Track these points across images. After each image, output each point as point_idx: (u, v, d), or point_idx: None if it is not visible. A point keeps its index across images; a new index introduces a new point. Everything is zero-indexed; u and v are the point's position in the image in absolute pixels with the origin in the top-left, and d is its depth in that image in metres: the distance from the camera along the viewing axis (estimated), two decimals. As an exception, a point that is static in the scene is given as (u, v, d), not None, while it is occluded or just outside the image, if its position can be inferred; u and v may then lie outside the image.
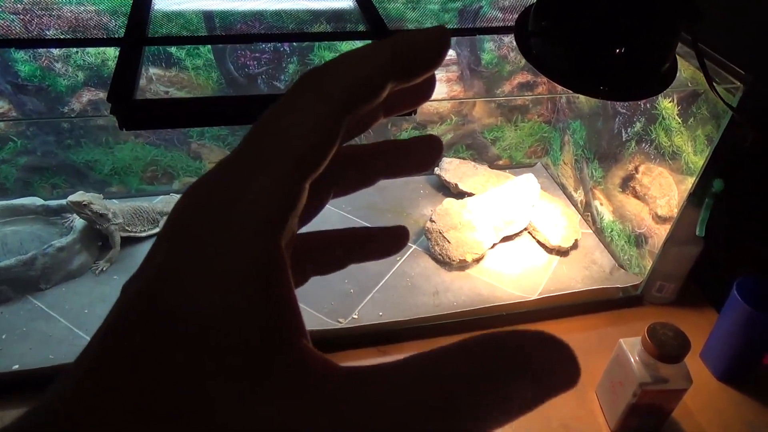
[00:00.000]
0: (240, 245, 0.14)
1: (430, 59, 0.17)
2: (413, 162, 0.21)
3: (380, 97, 0.17)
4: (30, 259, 0.79)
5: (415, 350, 0.14)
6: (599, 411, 0.73)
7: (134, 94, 0.48)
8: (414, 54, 0.17)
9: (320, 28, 0.82)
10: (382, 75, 0.16)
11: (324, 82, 0.16)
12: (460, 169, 1.09)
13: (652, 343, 0.63)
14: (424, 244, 0.94)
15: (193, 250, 0.14)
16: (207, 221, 0.15)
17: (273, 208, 0.15)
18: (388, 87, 0.17)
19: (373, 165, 0.21)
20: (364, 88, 0.16)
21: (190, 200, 0.15)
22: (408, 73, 0.17)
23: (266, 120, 0.16)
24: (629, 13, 0.53)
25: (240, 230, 0.14)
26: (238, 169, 0.15)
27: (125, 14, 0.65)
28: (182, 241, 0.15)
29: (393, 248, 0.22)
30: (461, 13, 0.88)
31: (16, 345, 0.73)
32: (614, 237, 0.97)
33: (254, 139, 0.16)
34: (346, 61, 0.17)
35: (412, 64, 0.17)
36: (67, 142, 0.93)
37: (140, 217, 0.91)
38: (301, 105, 0.16)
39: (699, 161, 0.75)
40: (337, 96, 0.16)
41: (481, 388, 0.13)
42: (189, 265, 0.14)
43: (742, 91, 0.67)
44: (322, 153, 0.16)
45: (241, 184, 0.15)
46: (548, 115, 1.15)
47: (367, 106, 0.17)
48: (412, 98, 0.20)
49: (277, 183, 0.15)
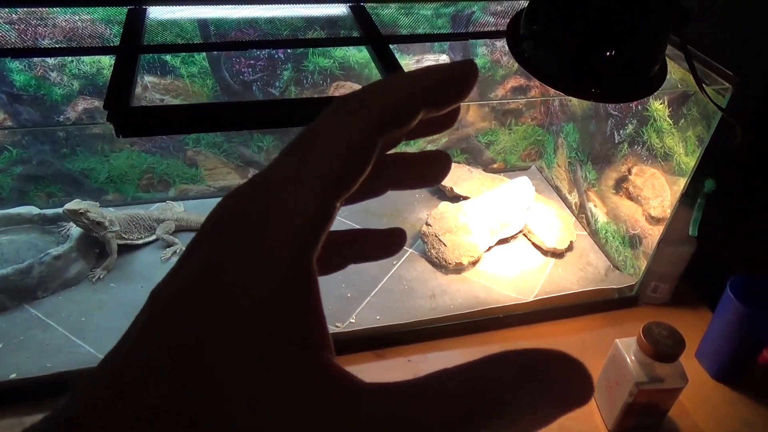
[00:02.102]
0: (275, 257, 0.15)
1: (457, 92, 0.18)
2: (422, 175, 0.21)
3: (411, 125, 0.17)
4: (26, 267, 0.79)
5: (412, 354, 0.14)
6: (596, 411, 0.74)
7: (131, 102, 0.49)
8: (442, 87, 0.18)
9: (314, 34, 0.83)
10: (416, 102, 0.17)
11: (363, 105, 0.17)
12: (455, 172, 1.09)
13: (647, 343, 0.64)
14: (420, 247, 0.95)
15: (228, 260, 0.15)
16: (244, 232, 0.15)
17: (307, 224, 0.15)
18: (420, 115, 0.17)
19: (384, 176, 0.21)
20: (399, 114, 0.17)
21: (227, 211, 0.16)
22: (439, 104, 0.18)
23: (306, 136, 0.17)
24: (619, 16, 0.54)
25: (275, 243, 0.15)
26: (274, 184, 0.16)
27: (120, 23, 0.66)
28: (216, 250, 0.15)
29: (391, 249, 0.22)
30: (454, 19, 0.89)
31: (13, 354, 0.73)
32: (609, 238, 0.98)
33: (291, 155, 0.16)
34: (385, 87, 0.17)
35: (443, 95, 0.18)
36: (62, 151, 0.93)
37: (137, 225, 0.91)
38: (340, 125, 0.16)
39: (690, 162, 0.76)
40: (374, 119, 0.16)
41: (501, 405, 0.13)
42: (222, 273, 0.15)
43: (731, 92, 0.68)
44: (356, 174, 0.16)
45: (278, 200, 0.15)
46: (542, 118, 1.15)
47: (400, 131, 0.17)
48: (436, 126, 0.20)
49: (312, 201, 0.15)
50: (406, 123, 0.17)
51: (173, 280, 0.15)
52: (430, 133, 0.21)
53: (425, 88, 0.17)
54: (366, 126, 0.16)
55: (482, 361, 0.14)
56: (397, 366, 0.76)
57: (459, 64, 0.18)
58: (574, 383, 0.14)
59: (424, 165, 0.21)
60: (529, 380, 0.14)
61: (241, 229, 0.15)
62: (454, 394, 0.14)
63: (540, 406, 0.14)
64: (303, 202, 0.15)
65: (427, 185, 0.22)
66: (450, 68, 0.18)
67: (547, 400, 0.14)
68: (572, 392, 0.14)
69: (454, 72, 0.18)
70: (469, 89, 0.18)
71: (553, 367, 0.14)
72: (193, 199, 1.04)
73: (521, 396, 0.14)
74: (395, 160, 0.21)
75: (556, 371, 0.14)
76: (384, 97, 0.17)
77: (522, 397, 0.14)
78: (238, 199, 0.16)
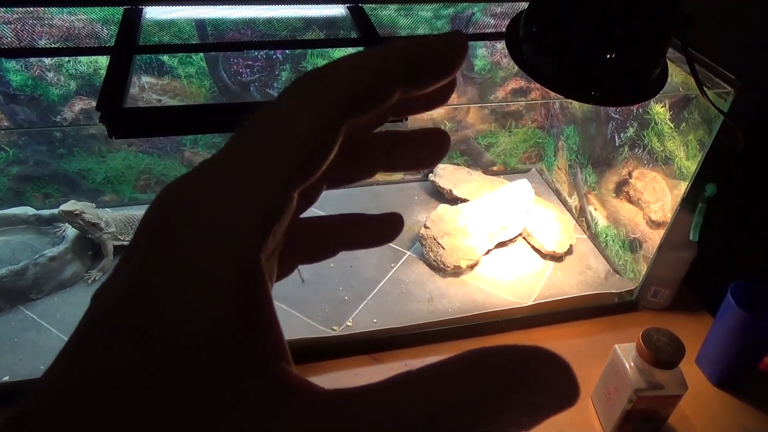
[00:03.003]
0: (218, 260, 0.13)
1: (443, 67, 0.16)
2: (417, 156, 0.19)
3: (386, 104, 0.16)
4: (21, 269, 0.79)
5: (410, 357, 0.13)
6: (595, 417, 0.73)
7: (123, 103, 0.48)
8: (424, 62, 0.16)
9: (312, 35, 0.82)
10: (386, 81, 0.15)
11: (322, 85, 0.15)
12: (455, 175, 1.09)
13: (646, 349, 0.63)
14: (418, 250, 0.94)
15: (168, 261, 0.13)
16: (183, 230, 0.14)
17: (257, 219, 0.14)
18: (395, 94, 0.16)
19: (372, 157, 0.19)
20: (367, 95, 0.15)
21: (167, 204, 0.14)
22: (418, 82, 0.16)
23: (256, 121, 0.15)
24: (620, 18, 0.53)
25: (219, 244, 0.13)
26: (220, 174, 0.14)
27: (117, 23, 0.65)
28: (156, 250, 0.14)
29: (386, 236, 0.20)
30: (453, 20, 0.89)
31: (7, 356, 0.72)
32: (609, 242, 0.97)
33: (241, 141, 0.15)
34: (348, 64, 0.15)
35: (425, 72, 0.16)
36: (59, 151, 0.93)
37: (133, 226, 0.90)
38: (295, 108, 0.15)
39: (692, 166, 0.75)
40: (336, 101, 0.15)
41: (469, 411, 0.12)
42: (163, 277, 0.13)
43: (733, 96, 0.67)
44: (315, 163, 0.15)
45: (224, 191, 0.14)
46: (542, 120, 1.15)
47: (370, 113, 0.15)
48: (427, 102, 0.18)
49: (264, 192, 0.14)
50: (378, 103, 0.15)
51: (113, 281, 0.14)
52: (419, 110, 0.19)
53: (402, 64, 0.15)
54: (330, 107, 0.15)
55: (456, 359, 0.13)
56: (394, 370, 0.75)
57: (445, 36, 0.16)
58: (559, 384, 0.13)
59: (419, 144, 0.19)
60: (508, 381, 0.13)
61: (179, 225, 0.14)
62: (419, 397, 0.12)
63: (520, 409, 0.13)
64: (253, 193, 0.14)
65: (421, 167, 0.20)
66: (433, 40, 0.16)
67: (530, 401, 0.13)
68: (557, 393, 0.13)
69: (439, 45, 0.16)
70: (457, 65, 0.16)
71: (537, 367, 0.13)
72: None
73: (498, 398, 0.12)
74: (386, 140, 0.19)
75: (538, 370, 0.13)
76: (352, 74, 0.15)
77: (499, 400, 0.12)
78: (181, 189, 0.14)
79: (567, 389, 0.13)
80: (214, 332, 0.13)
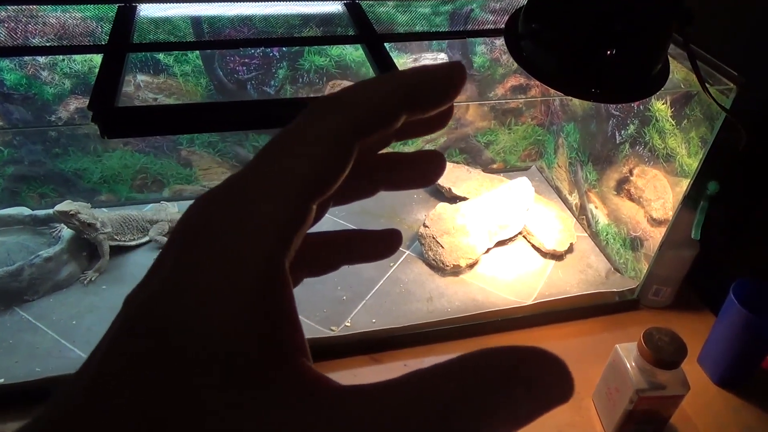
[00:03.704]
0: (246, 263, 0.14)
1: (442, 95, 0.18)
2: (416, 176, 0.21)
3: (393, 127, 0.17)
4: (17, 270, 0.78)
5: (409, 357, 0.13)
6: (596, 418, 0.72)
7: (116, 102, 0.47)
8: (426, 89, 0.17)
9: (310, 32, 0.81)
10: (395, 106, 0.17)
11: (339, 107, 0.17)
12: (454, 173, 1.08)
13: (648, 349, 0.63)
14: (417, 249, 0.93)
15: (199, 265, 0.15)
16: (214, 237, 0.15)
17: (280, 228, 0.15)
18: (401, 118, 0.17)
19: (375, 176, 0.21)
20: (377, 117, 0.17)
21: (198, 214, 0.16)
22: (421, 107, 0.18)
23: (280, 139, 0.16)
24: (620, 15, 0.52)
25: (246, 249, 0.15)
26: (247, 187, 0.16)
27: (112, 21, 0.64)
28: (188, 255, 0.15)
29: (386, 251, 0.22)
30: (452, 17, 0.88)
31: (2, 358, 0.72)
32: (609, 240, 0.96)
33: (266, 157, 0.16)
34: (361, 90, 0.17)
35: (425, 99, 0.17)
36: (54, 151, 0.92)
37: (129, 226, 0.90)
38: (315, 128, 0.16)
39: (693, 163, 0.75)
40: (352, 121, 0.16)
41: (474, 404, 0.13)
42: (193, 279, 0.14)
43: (735, 93, 0.66)
44: (333, 177, 0.16)
45: (250, 204, 0.15)
46: (542, 118, 1.14)
47: (379, 134, 0.17)
48: (426, 127, 0.20)
49: (285, 204, 0.15)
50: (386, 125, 0.17)
51: (145, 286, 0.15)
52: (420, 134, 0.20)
53: (407, 91, 0.17)
54: (343, 127, 0.16)
55: (460, 359, 0.14)
56: (394, 370, 0.75)
57: (445, 66, 0.18)
58: (554, 381, 0.14)
59: (418, 165, 0.21)
60: (507, 379, 0.14)
61: (210, 233, 0.15)
62: (430, 394, 0.13)
63: (519, 405, 0.13)
64: (276, 205, 0.15)
65: (420, 186, 0.21)
66: (435, 71, 0.18)
67: (526, 399, 0.14)
68: (552, 390, 0.14)
69: (439, 75, 0.18)
70: (456, 93, 0.18)
71: (531, 366, 0.14)
72: (187, 199, 1.02)
73: (499, 395, 0.13)
74: (388, 160, 0.21)
75: (535, 369, 0.14)
76: (363, 99, 0.17)
77: (500, 397, 0.13)
78: (210, 203, 0.16)
79: (562, 386, 0.14)
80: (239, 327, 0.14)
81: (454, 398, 0.13)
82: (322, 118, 0.16)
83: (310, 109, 0.17)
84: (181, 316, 0.14)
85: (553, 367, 0.14)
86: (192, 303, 0.14)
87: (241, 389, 0.13)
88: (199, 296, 0.14)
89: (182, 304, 0.14)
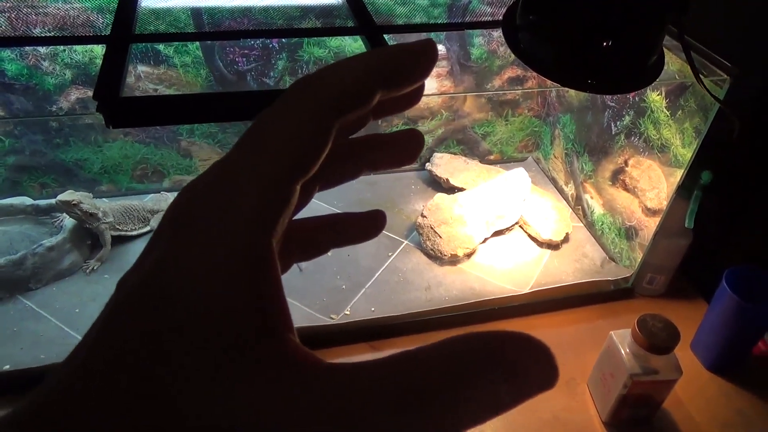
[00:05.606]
0: (233, 243, 0.15)
1: (415, 72, 0.18)
2: (396, 155, 0.22)
3: (369, 105, 0.18)
4: (20, 258, 0.79)
5: (407, 345, 0.14)
6: (591, 402, 0.74)
7: (120, 92, 0.48)
8: (400, 66, 0.18)
9: (309, 24, 0.82)
10: (370, 84, 0.17)
11: (316, 89, 0.17)
12: (451, 164, 1.09)
13: (642, 335, 0.64)
14: (415, 239, 0.95)
15: (188, 248, 0.15)
16: (202, 220, 0.15)
17: (266, 209, 0.16)
18: (377, 95, 0.17)
19: (357, 158, 0.21)
20: (354, 96, 0.17)
21: (186, 200, 0.16)
22: (395, 84, 0.18)
23: (260, 123, 0.17)
24: (616, 5, 0.53)
25: (234, 229, 0.15)
26: (232, 170, 0.16)
27: (113, 11, 0.65)
28: (177, 238, 0.15)
29: (371, 232, 0.23)
30: (450, 8, 0.88)
31: (7, 345, 0.73)
32: (605, 230, 0.97)
33: (248, 141, 0.17)
34: (337, 70, 0.17)
35: (399, 76, 0.18)
36: (55, 141, 0.92)
37: (131, 216, 0.90)
38: (294, 110, 0.17)
39: (687, 153, 0.76)
40: (328, 103, 0.17)
41: (457, 386, 0.13)
42: (183, 260, 0.15)
43: (729, 83, 0.67)
44: (313, 157, 0.16)
45: (236, 186, 0.16)
46: (538, 109, 1.15)
47: (356, 113, 0.17)
48: (401, 104, 0.21)
49: (268, 186, 0.16)
50: (362, 104, 0.17)
51: (137, 270, 0.16)
52: (395, 111, 0.21)
53: (380, 69, 0.17)
54: (321, 107, 0.17)
55: (444, 342, 0.14)
56: (392, 358, 0.76)
57: (417, 44, 0.18)
58: (537, 366, 0.14)
59: (397, 143, 0.22)
60: (488, 363, 0.14)
61: (198, 216, 0.16)
62: (413, 374, 0.14)
63: (500, 389, 0.13)
64: (259, 187, 0.16)
65: (400, 164, 0.22)
66: (408, 48, 0.18)
67: (507, 383, 0.13)
68: (534, 376, 0.14)
69: (411, 52, 0.18)
70: (428, 69, 0.18)
71: (513, 350, 0.14)
72: (187, 190, 1.03)
73: (479, 378, 0.13)
74: (369, 142, 0.21)
75: (517, 354, 0.14)
76: (337, 79, 0.17)
77: (480, 380, 0.13)
78: (197, 188, 0.16)
79: (546, 371, 0.14)
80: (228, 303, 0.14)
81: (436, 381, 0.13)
82: (300, 99, 0.17)
83: (289, 91, 0.17)
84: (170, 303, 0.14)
85: (536, 353, 0.14)
86: (182, 283, 0.14)
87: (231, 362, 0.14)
88: (187, 283, 0.14)
89: (171, 291, 0.14)
